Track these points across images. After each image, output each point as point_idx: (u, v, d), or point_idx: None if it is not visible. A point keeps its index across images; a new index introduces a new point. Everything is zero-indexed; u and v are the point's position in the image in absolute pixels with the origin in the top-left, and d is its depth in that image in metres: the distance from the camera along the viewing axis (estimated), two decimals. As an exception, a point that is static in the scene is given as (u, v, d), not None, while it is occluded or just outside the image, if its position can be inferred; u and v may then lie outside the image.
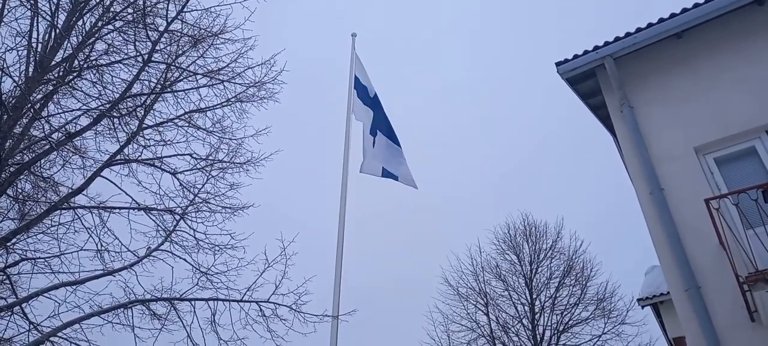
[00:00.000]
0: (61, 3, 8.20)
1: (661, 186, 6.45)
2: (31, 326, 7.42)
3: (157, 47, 8.65)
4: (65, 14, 8.59)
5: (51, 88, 8.35)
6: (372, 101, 10.38)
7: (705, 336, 5.50)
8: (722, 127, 6.52)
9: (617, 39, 7.42)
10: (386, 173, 9.64)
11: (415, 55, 60.26)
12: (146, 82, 8.98)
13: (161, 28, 8.71)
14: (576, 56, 7.66)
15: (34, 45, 8.13)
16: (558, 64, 7.71)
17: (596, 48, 7.51)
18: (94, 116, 8.45)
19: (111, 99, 8.64)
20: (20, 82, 7.83)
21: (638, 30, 7.32)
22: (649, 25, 7.29)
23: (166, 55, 8.91)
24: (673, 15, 7.17)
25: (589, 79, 7.82)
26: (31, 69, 8.08)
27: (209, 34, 9.01)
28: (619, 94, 7.22)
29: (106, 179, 8.61)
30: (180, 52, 8.94)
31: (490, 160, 53.84)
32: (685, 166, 6.49)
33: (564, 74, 7.72)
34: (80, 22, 8.65)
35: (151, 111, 8.95)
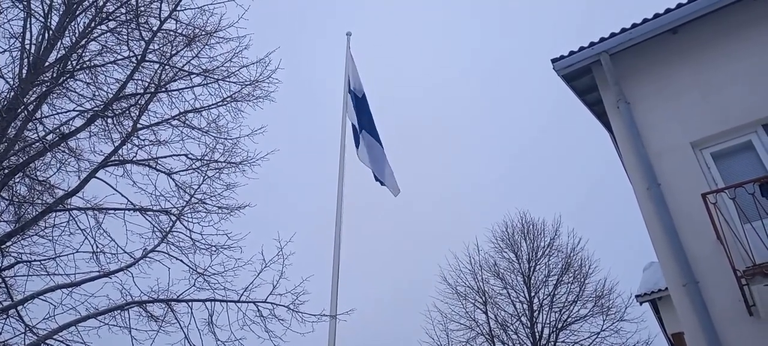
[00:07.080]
0: (54, 4, 8.15)
1: (658, 181, 6.44)
2: (27, 329, 7.36)
3: (151, 47, 8.59)
4: (58, 15, 8.54)
5: (45, 89, 8.30)
6: (359, 102, 10.35)
7: (703, 331, 5.49)
8: (718, 122, 6.51)
9: (613, 35, 7.41)
10: (375, 177, 9.66)
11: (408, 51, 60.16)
12: (140, 83, 8.93)
13: (155, 28, 8.67)
14: (572, 53, 7.64)
15: (27, 46, 8.07)
16: (554, 60, 7.69)
17: (592, 44, 7.50)
18: (88, 117, 8.40)
19: (105, 100, 8.59)
20: (14, 84, 7.78)
21: (634, 25, 7.32)
22: (645, 20, 7.28)
23: (160, 55, 8.86)
24: (668, 10, 7.16)
25: (585, 75, 7.80)
26: (24, 70, 8.02)
27: (203, 33, 8.95)
28: (615, 90, 7.20)
29: (101, 180, 8.54)
30: (174, 51, 8.88)
31: (487, 159, 53.89)
32: (682, 161, 6.48)
33: (560, 71, 7.71)
34: (73, 23, 8.61)
35: (146, 111, 8.89)
